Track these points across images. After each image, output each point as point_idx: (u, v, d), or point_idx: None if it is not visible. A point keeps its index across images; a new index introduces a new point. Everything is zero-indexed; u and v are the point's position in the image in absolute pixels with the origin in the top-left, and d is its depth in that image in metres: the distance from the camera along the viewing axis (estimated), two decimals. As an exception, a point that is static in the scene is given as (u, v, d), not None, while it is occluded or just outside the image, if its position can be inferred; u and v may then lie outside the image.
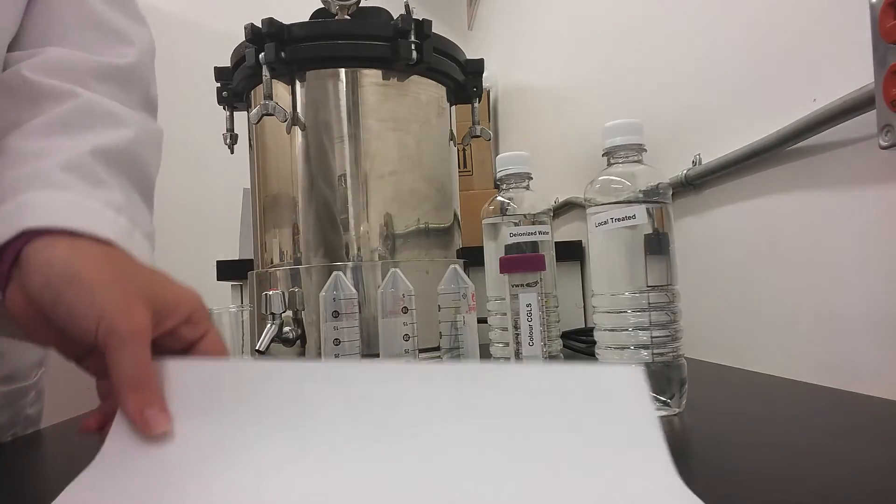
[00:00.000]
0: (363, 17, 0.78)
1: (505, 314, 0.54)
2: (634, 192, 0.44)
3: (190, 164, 1.82)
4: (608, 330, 0.45)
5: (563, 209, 1.23)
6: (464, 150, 1.52)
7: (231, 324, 0.61)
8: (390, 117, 0.75)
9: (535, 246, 0.55)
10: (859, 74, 0.45)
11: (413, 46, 0.71)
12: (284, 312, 0.68)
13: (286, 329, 0.68)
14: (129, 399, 0.29)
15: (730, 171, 0.67)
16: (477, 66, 0.84)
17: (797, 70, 0.56)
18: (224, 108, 0.86)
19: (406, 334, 0.51)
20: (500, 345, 0.59)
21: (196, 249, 1.54)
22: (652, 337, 0.43)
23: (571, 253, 1.11)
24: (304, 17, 0.78)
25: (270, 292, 0.67)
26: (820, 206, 0.54)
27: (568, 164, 1.25)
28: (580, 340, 0.80)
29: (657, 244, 0.44)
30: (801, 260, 0.57)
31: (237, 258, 1.30)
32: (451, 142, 0.83)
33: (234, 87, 0.82)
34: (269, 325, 0.66)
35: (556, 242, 0.60)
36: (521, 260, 0.46)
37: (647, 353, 0.43)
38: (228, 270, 1.16)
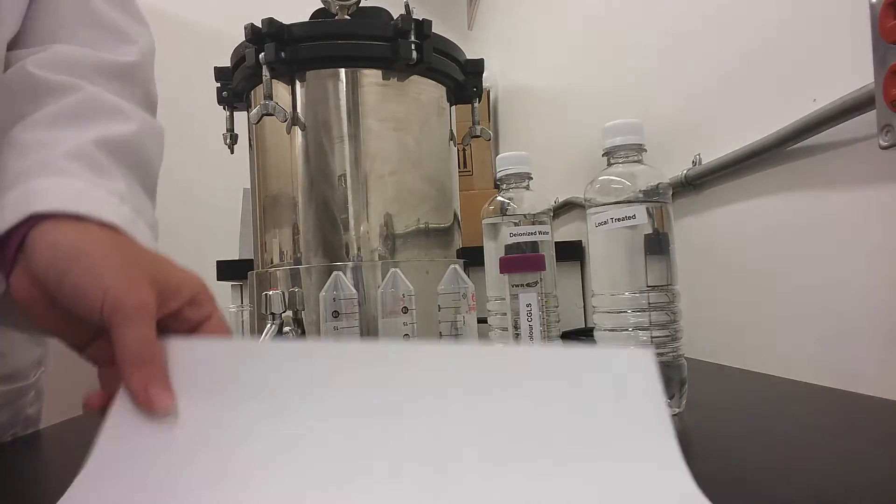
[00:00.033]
0: (363, 17, 0.78)
1: (505, 314, 0.54)
2: (634, 192, 0.44)
3: (190, 164, 1.81)
4: (608, 330, 0.45)
5: (563, 209, 1.23)
6: (464, 150, 1.52)
7: (231, 324, 0.61)
8: (390, 117, 0.75)
9: (535, 246, 0.55)
10: (859, 74, 0.45)
11: (413, 46, 0.71)
12: (284, 312, 0.67)
13: (286, 329, 0.68)
14: (133, 375, 0.29)
15: (730, 171, 0.67)
16: (477, 66, 0.84)
17: (797, 70, 0.56)
18: (224, 108, 0.86)
19: (406, 334, 0.51)
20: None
21: (196, 249, 1.54)
22: (652, 337, 0.43)
23: (571, 253, 1.11)
24: (304, 17, 0.77)
25: (270, 292, 0.67)
26: (820, 206, 0.54)
27: (568, 164, 1.25)
28: (580, 340, 0.80)
29: (657, 244, 0.44)
30: (801, 260, 0.57)
31: (237, 258, 1.30)
32: (451, 142, 0.83)
33: (234, 87, 0.82)
34: (269, 325, 0.66)
35: (556, 242, 0.60)
36: (521, 260, 0.46)
37: (648, 353, 0.43)
38: (228, 270, 1.16)
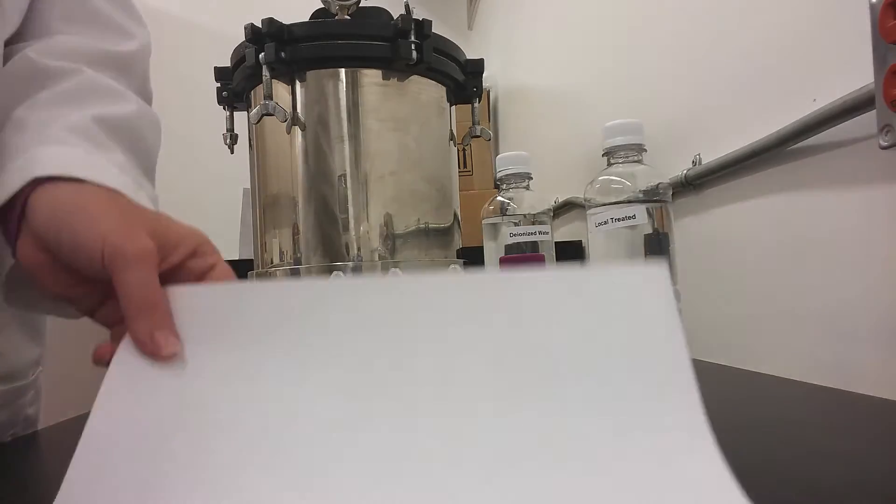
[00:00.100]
0: (363, 17, 0.78)
1: (505, 314, 0.54)
2: (634, 192, 0.44)
3: (190, 164, 1.82)
4: (608, 330, 0.45)
5: (563, 209, 1.23)
6: (464, 150, 1.52)
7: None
8: (390, 117, 0.75)
9: (535, 246, 0.55)
10: (859, 74, 0.45)
11: (413, 46, 0.71)
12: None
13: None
14: (137, 322, 0.28)
15: (730, 171, 0.67)
16: (477, 66, 0.84)
17: (797, 70, 0.56)
18: (224, 108, 0.86)
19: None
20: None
21: (196, 249, 1.54)
22: (652, 337, 0.43)
23: (571, 253, 1.11)
24: (304, 17, 0.77)
25: (270, 292, 0.67)
26: (820, 206, 0.54)
27: (568, 164, 1.25)
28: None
29: (657, 244, 0.44)
30: (800, 260, 0.57)
31: (237, 258, 1.30)
32: (451, 142, 0.83)
33: (234, 87, 0.82)
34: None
35: (556, 242, 0.60)
36: (521, 260, 0.46)
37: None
38: (228, 270, 1.16)
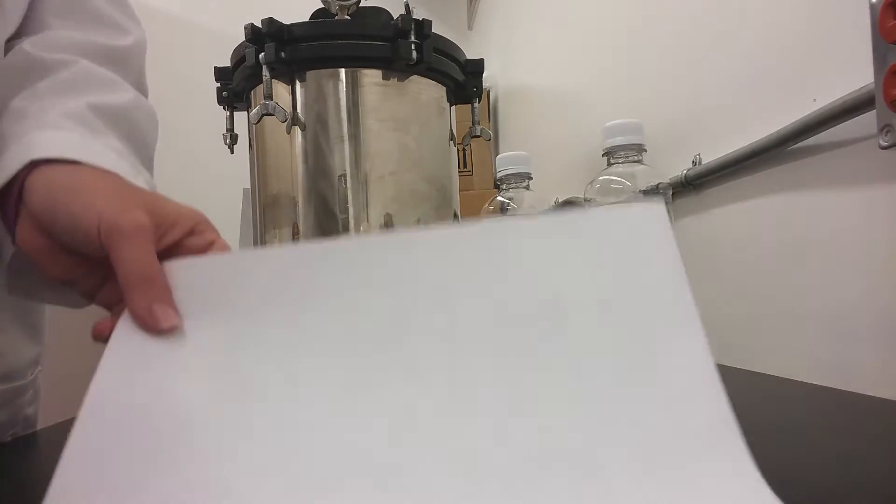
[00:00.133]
0: (363, 18, 0.78)
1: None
2: (634, 192, 0.44)
3: (190, 164, 1.81)
4: (608, 330, 0.45)
5: (563, 209, 1.22)
6: (464, 150, 1.52)
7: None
8: (390, 117, 0.75)
9: (535, 246, 0.55)
10: (859, 74, 0.45)
11: (413, 46, 0.71)
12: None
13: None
14: (135, 296, 0.28)
15: (730, 171, 0.67)
16: (477, 66, 0.84)
17: (797, 70, 0.56)
18: (224, 108, 0.86)
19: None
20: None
21: (196, 249, 1.54)
22: (652, 337, 0.43)
23: (571, 253, 1.11)
24: (304, 17, 0.77)
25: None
26: (820, 206, 0.54)
27: (568, 164, 1.25)
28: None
29: (657, 244, 0.44)
30: (800, 260, 0.57)
31: (237, 258, 1.30)
32: (451, 142, 0.83)
33: (234, 87, 0.82)
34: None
35: (556, 242, 0.60)
36: (521, 260, 0.46)
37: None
38: (228, 270, 1.16)
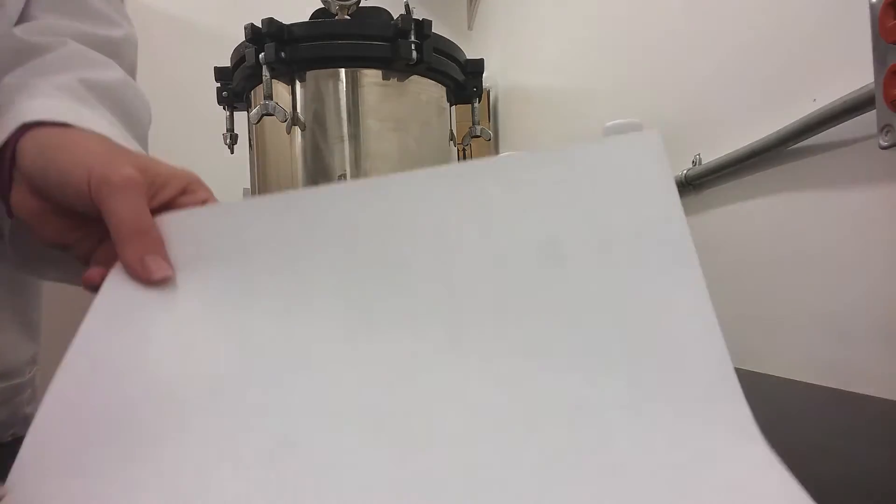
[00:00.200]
0: (363, 17, 0.78)
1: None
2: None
3: (190, 164, 1.81)
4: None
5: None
6: (464, 150, 1.52)
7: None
8: (390, 117, 0.75)
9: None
10: (859, 74, 0.45)
11: (413, 46, 0.71)
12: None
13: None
14: (127, 247, 0.28)
15: (730, 171, 0.67)
16: (477, 66, 0.84)
17: (797, 70, 0.56)
18: (224, 108, 0.86)
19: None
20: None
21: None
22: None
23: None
24: (304, 17, 0.78)
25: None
26: (820, 206, 0.54)
27: (568, 165, 1.25)
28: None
29: (657, 244, 0.44)
30: (800, 260, 0.57)
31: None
32: (451, 142, 0.84)
33: (234, 87, 0.82)
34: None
35: (556, 242, 0.60)
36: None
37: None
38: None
